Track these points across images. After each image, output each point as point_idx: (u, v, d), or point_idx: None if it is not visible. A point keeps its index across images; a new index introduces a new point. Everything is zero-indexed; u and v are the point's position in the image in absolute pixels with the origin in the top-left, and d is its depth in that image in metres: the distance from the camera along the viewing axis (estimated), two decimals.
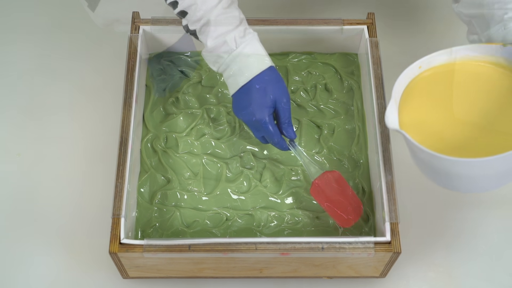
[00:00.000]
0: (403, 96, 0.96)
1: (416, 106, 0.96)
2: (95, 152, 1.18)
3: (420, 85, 0.97)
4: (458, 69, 0.98)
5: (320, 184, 1.04)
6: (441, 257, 1.10)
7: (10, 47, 1.30)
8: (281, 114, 1.02)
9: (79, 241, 1.11)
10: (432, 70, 0.98)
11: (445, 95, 0.97)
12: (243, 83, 0.99)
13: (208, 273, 1.04)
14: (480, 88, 0.97)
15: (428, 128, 0.94)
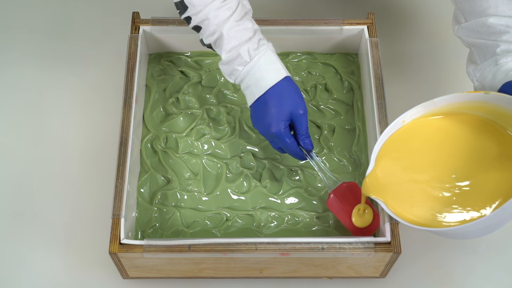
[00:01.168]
0: (382, 149, 0.96)
1: (388, 162, 0.95)
2: (95, 152, 1.18)
3: (396, 140, 0.96)
4: (430, 125, 0.96)
5: (337, 196, 1.03)
6: (441, 257, 1.10)
7: (10, 47, 1.30)
8: (298, 126, 1.01)
9: (79, 241, 1.11)
10: (412, 123, 0.96)
11: (415, 151, 0.96)
12: (259, 95, 0.99)
13: (208, 273, 1.04)
14: (453, 143, 0.95)
15: (396, 187, 0.94)
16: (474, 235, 0.92)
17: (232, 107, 1.15)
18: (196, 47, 1.19)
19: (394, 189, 0.94)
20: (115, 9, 1.34)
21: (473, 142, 0.94)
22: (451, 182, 0.92)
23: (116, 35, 1.30)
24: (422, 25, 1.34)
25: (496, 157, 0.91)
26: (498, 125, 0.93)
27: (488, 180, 0.90)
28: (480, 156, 0.93)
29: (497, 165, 0.91)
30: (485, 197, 0.88)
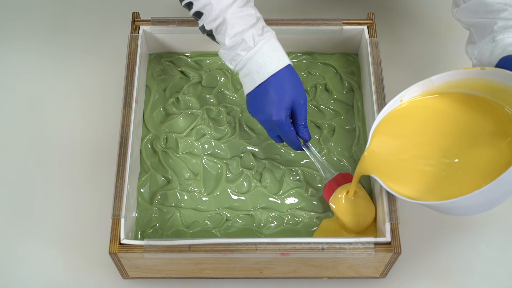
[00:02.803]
0: (379, 127, 0.97)
1: (384, 140, 0.97)
2: (95, 152, 1.18)
3: (393, 118, 0.97)
4: (427, 103, 0.98)
5: (333, 186, 1.03)
6: (441, 257, 1.10)
7: (10, 47, 1.30)
8: (298, 115, 1.01)
9: (79, 241, 1.11)
10: (409, 102, 0.98)
11: (409, 129, 0.97)
12: (261, 81, 0.98)
13: (208, 274, 1.04)
14: (446, 122, 0.96)
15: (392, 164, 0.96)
16: (471, 210, 0.92)
17: (232, 107, 1.15)
18: (196, 47, 1.19)
19: (390, 165, 0.95)
20: (115, 9, 1.34)
21: (469, 120, 0.95)
22: (446, 158, 0.93)
23: (116, 35, 1.30)
24: (422, 25, 1.34)
25: (492, 134, 0.93)
26: (495, 103, 0.94)
27: (484, 157, 0.91)
28: (476, 133, 0.94)
29: (493, 142, 0.92)
30: (481, 173, 0.89)
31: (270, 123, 1.00)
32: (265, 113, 0.99)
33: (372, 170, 0.97)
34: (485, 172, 0.89)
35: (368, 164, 0.97)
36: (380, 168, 0.96)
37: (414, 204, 1.13)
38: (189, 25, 1.15)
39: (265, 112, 0.99)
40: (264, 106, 0.98)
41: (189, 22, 1.15)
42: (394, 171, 0.96)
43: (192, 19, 1.15)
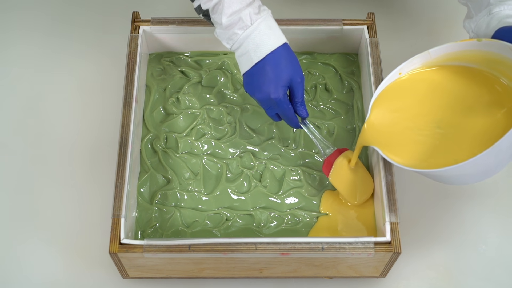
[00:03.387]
0: (378, 99, 0.99)
1: (382, 112, 0.99)
2: (95, 152, 1.18)
3: (391, 91, 0.99)
4: (425, 76, 0.99)
5: (332, 161, 1.05)
6: (441, 257, 1.10)
7: (10, 46, 1.30)
8: (296, 93, 1.01)
9: (79, 241, 1.11)
10: (408, 75, 1.00)
11: (407, 101, 0.99)
12: (258, 59, 0.98)
13: (208, 273, 1.04)
14: (443, 94, 0.98)
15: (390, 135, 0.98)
16: (468, 179, 0.93)
17: (232, 107, 1.15)
18: (196, 47, 1.19)
19: (388, 136, 0.97)
20: (115, 9, 1.34)
21: (466, 92, 0.97)
22: (442, 129, 0.95)
23: (116, 35, 1.30)
24: (422, 25, 1.34)
25: (488, 105, 0.94)
26: (491, 74, 0.96)
27: (480, 126, 0.93)
28: (472, 104, 0.96)
29: (488, 112, 0.94)
30: (477, 142, 0.90)
31: (268, 101, 1.00)
32: (263, 91, 0.99)
33: (372, 141, 0.99)
34: (481, 141, 0.90)
35: (368, 136, 0.99)
36: (379, 139, 0.98)
37: (414, 204, 1.14)
38: (189, 25, 1.15)
39: (263, 91, 0.99)
40: (262, 85, 0.99)
41: (189, 22, 1.15)
42: (392, 141, 0.97)
43: (192, 19, 1.15)
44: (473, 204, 1.15)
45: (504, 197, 1.15)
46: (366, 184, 1.06)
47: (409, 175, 1.15)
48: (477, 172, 0.90)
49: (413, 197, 1.14)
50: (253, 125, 1.14)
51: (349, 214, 1.06)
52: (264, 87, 0.98)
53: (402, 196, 1.12)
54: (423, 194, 1.15)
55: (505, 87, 0.95)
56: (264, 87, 0.98)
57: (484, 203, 1.15)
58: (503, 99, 0.94)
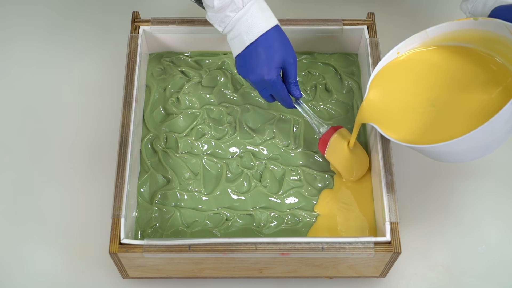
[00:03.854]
0: (376, 78, 1.01)
1: (380, 90, 1.00)
2: (95, 152, 1.18)
3: (389, 70, 1.01)
4: (422, 55, 1.02)
5: (327, 139, 1.06)
6: (441, 257, 1.10)
7: (10, 46, 1.30)
8: (289, 74, 1.02)
9: (79, 241, 1.11)
10: (405, 55, 1.02)
11: (404, 80, 1.01)
12: (250, 41, 0.99)
13: (208, 273, 1.04)
14: (439, 73, 1.00)
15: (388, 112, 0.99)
16: (464, 156, 0.94)
17: (232, 107, 1.15)
18: (196, 47, 1.19)
19: (385, 114, 0.99)
20: (115, 9, 1.34)
21: (462, 71, 0.99)
22: (438, 106, 0.97)
23: (116, 35, 1.30)
24: (422, 25, 1.34)
25: (484, 83, 0.96)
26: (487, 54, 0.98)
27: (476, 105, 0.94)
28: (468, 83, 0.97)
29: (484, 90, 0.95)
30: (475, 121, 0.90)
31: (262, 83, 1.01)
32: (256, 73, 1.00)
33: (369, 119, 1.00)
34: (477, 119, 0.91)
35: (366, 113, 1.01)
36: (376, 116, 1.00)
37: (414, 204, 1.13)
38: (189, 25, 1.15)
39: (256, 73, 1.00)
40: (255, 67, 1.00)
41: (189, 22, 1.15)
42: (389, 119, 0.99)
43: (192, 19, 1.15)
44: (473, 204, 1.15)
45: (504, 197, 1.15)
46: (361, 160, 1.08)
47: (409, 175, 1.15)
48: (473, 149, 0.91)
49: (413, 197, 1.14)
50: (253, 125, 1.14)
51: (347, 213, 1.06)
52: (257, 69, 0.99)
53: (402, 196, 1.12)
54: (423, 194, 1.15)
55: (500, 65, 0.97)
56: (258, 69, 0.99)
57: (483, 203, 1.15)
58: (498, 78, 0.96)
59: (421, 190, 1.15)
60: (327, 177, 1.10)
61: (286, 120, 1.14)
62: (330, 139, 1.06)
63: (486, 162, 1.16)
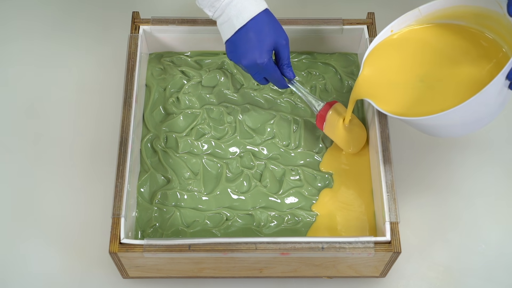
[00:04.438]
0: (371, 55, 1.03)
1: (375, 67, 1.03)
2: (95, 152, 1.18)
3: (383, 48, 1.04)
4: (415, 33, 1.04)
5: (324, 115, 1.07)
6: (441, 257, 1.10)
7: (10, 46, 1.30)
8: (282, 55, 1.03)
9: (79, 241, 1.11)
10: (399, 34, 1.05)
11: (397, 57, 1.03)
12: (240, 25, 0.99)
13: (208, 273, 1.04)
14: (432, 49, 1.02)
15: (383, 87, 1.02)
16: (458, 130, 0.97)
17: (232, 107, 1.15)
18: (196, 47, 1.19)
19: (379, 89, 1.01)
20: (115, 9, 1.34)
21: (453, 47, 1.01)
22: (426, 82, 0.99)
23: (116, 35, 1.30)
24: None
25: (475, 59, 0.98)
26: (478, 31, 1.01)
27: (468, 79, 0.97)
28: (460, 59, 0.99)
29: (476, 66, 0.97)
30: (468, 93, 0.91)
31: (255, 66, 1.01)
32: (248, 57, 1.00)
33: (364, 94, 1.02)
34: (470, 94, 0.91)
35: (360, 89, 1.03)
36: (370, 92, 1.02)
37: (414, 204, 1.13)
38: (189, 25, 1.15)
39: (248, 57, 1.00)
40: (247, 51, 1.00)
41: (189, 22, 1.15)
42: (382, 94, 1.01)
43: (192, 19, 1.15)
44: (473, 203, 1.15)
45: (504, 197, 1.15)
46: (359, 133, 1.10)
47: (409, 175, 1.15)
48: (466, 122, 0.93)
49: (413, 197, 1.14)
50: (253, 125, 1.14)
51: (347, 213, 1.06)
52: (249, 53, 1.00)
53: (402, 196, 1.12)
54: (423, 194, 1.15)
55: (491, 41, 0.99)
56: (249, 54, 1.00)
57: (483, 201, 1.15)
58: (490, 53, 0.98)
59: (421, 190, 1.15)
60: (327, 176, 1.10)
61: (286, 120, 1.14)
62: (327, 115, 1.07)
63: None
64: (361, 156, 1.11)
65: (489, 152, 1.19)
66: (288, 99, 1.16)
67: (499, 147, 1.19)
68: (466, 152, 1.19)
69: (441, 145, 1.19)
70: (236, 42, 1.00)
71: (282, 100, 1.16)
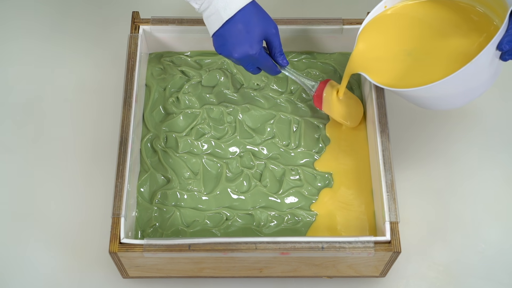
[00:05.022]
0: (365, 31, 1.05)
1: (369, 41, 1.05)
2: (95, 152, 1.18)
3: (377, 23, 1.05)
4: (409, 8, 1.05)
5: (320, 93, 1.09)
6: (441, 256, 1.10)
7: (10, 46, 1.30)
8: (274, 44, 1.03)
9: (79, 241, 1.11)
10: (392, 9, 1.06)
11: (390, 31, 1.05)
12: (228, 17, 0.99)
13: (208, 273, 1.04)
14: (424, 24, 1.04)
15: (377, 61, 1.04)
16: (452, 101, 0.98)
17: (232, 107, 1.15)
18: (196, 47, 1.19)
19: (373, 63, 1.03)
20: (115, 9, 1.34)
21: (444, 22, 1.02)
22: (414, 55, 1.01)
23: (116, 35, 1.30)
24: None
25: (466, 33, 0.99)
26: (468, 5, 1.01)
27: (459, 52, 0.98)
28: (451, 33, 1.01)
29: (468, 39, 0.99)
30: (459, 66, 0.91)
31: (247, 58, 1.01)
32: (240, 50, 1.00)
33: (358, 68, 1.04)
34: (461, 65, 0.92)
35: (355, 63, 1.05)
36: (365, 65, 1.04)
37: (414, 204, 1.13)
38: (189, 25, 1.15)
39: (240, 49, 1.00)
40: (237, 44, 1.00)
41: (189, 21, 1.15)
42: (376, 67, 1.03)
43: (192, 19, 1.15)
44: (473, 202, 1.15)
45: (504, 197, 1.15)
46: (355, 107, 1.12)
47: (409, 175, 1.15)
48: (459, 93, 0.95)
49: (413, 197, 1.14)
50: (253, 124, 1.14)
51: (347, 213, 1.07)
52: (240, 46, 1.00)
53: (402, 196, 1.12)
54: (423, 194, 1.15)
55: (482, 15, 1.00)
56: (241, 46, 1.00)
57: (483, 201, 1.15)
58: (481, 27, 0.99)
59: (421, 190, 1.15)
60: (327, 176, 1.10)
61: (286, 120, 1.14)
62: (323, 94, 1.09)
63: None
64: (361, 156, 1.10)
65: (489, 152, 1.19)
66: (288, 99, 1.16)
67: (499, 147, 1.19)
68: (466, 152, 1.19)
69: (441, 144, 1.19)
70: (224, 34, 1.00)
71: (282, 100, 1.16)
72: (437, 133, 1.20)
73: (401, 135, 1.18)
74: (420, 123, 1.21)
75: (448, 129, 1.20)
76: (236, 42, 1.00)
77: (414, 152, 1.19)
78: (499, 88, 1.22)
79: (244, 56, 1.00)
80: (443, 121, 1.21)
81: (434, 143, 1.19)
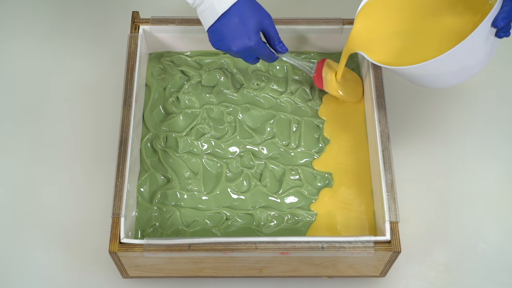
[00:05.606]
0: (363, 11, 1.06)
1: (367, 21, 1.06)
2: (95, 152, 1.18)
3: (374, 4, 1.06)
4: None
5: (320, 73, 1.11)
6: (441, 256, 1.10)
7: (9, 46, 1.30)
8: (272, 34, 1.05)
9: (79, 241, 1.11)
10: None
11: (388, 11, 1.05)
12: (223, 10, 0.99)
13: (208, 273, 1.04)
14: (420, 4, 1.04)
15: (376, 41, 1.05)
16: (448, 79, 0.98)
17: (232, 107, 1.15)
18: (196, 47, 1.19)
19: (370, 42, 1.04)
20: (115, 9, 1.34)
21: (440, 1, 1.03)
22: (416, 33, 1.02)
23: (116, 34, 1.30)
24: None
25: (462, 13, 1.00)
26: None
27: (455, 30, 0.99)
28: (447, 12, 1.02)
29: (463, 19, 0.99)
30: (454, 42, 0.91)
31: (246, 50, 1.02)
32: (239, 43, 1.01)
33: (357, 47, 1.05)
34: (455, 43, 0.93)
35: (354, 43, 1.06)
36: (363, 45, 1.05)
37: (414, 204, 1.13)
38: (189, 25, 1.15)
39: (239, 42, 1.01)
40: (235, 37, 1.01)
41: (189, 21, 1.15)
42: (373, 46, 1.04)
43: (192, 19, 1.15)
44: (473, 203, 1.15)
45: (504, 197, 1.15)
46: (355, 81, 1.14)
47: (409, 175, 1.15)
48: (455, 70, 0.95)
49: (413, 196, 1.14)
50: (253, 124, 1.14)
51: (347, 212, 1.07)
52: (238, 39, 1.01)
53: (402, 196, 1.12)
54: (423, 194, 1.15)
55: None
56: (239, 39, 1.01)
57: (483, 200, 1.15)
58: (476, 6, 0.99)
59: (421, 190, 1.15)
60: (326, 176, 1.10)
61: (286, 119, 1.14)
62: (323, 73, 1.11)
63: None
64: (361, 156, 1.10)
65: (489, 152, 1.19)
66: (288, 99, 1.16)
67: (499, 147, 1.19)
68: (466, 152, 1.19)
69: (441, 144, 1.19)
70: (221, 29, 1.00)
71: (282, 100, 1.16)
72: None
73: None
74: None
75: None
76: (234, 35, 1.00)
77: (414, 152, 1.19)
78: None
79: (244, 48, 1.01)
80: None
81: (435, 142, 1.19)
